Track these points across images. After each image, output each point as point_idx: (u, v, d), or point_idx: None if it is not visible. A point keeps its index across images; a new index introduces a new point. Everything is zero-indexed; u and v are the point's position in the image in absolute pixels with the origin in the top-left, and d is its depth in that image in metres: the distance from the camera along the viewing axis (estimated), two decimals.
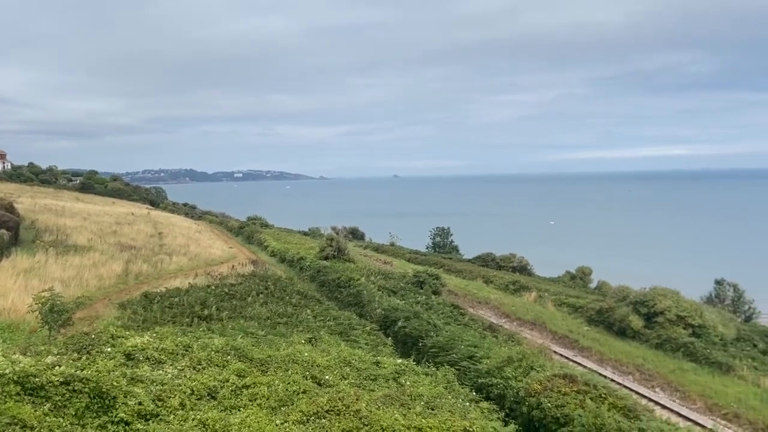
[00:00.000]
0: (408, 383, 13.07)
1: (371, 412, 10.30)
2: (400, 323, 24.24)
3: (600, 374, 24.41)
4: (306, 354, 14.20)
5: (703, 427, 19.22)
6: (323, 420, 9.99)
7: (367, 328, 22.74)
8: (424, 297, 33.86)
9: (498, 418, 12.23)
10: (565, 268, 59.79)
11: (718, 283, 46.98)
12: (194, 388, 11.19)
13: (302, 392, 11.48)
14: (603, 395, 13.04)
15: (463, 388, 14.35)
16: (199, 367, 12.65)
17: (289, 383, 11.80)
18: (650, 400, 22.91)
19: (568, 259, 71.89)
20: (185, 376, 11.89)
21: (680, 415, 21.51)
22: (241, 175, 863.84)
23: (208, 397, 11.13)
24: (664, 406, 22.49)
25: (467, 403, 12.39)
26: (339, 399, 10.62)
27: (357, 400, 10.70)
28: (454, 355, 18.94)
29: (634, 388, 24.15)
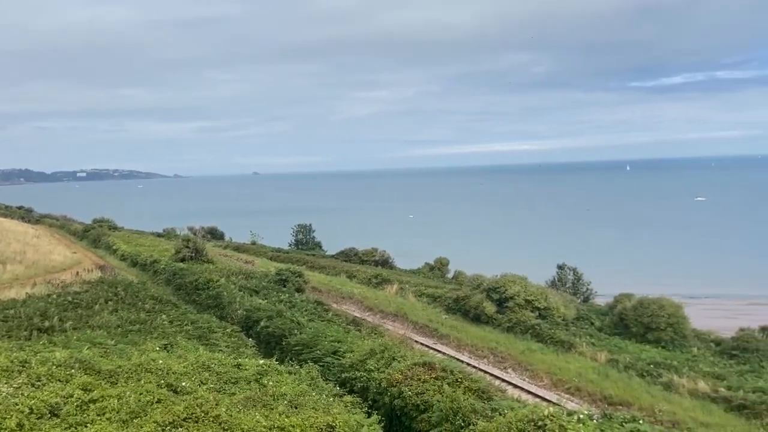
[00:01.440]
0: (271, 383, 12.85)
1: (231, 416, 10.00)
2: (262, 323, 23.81)
3: (458, 359, 25.59)
4: (160, 361, 13.49)
5: (549, 401, 20.74)
6: (180, 429, 9.54)
7: (228, 330, 22.14)
8: (287, 295, 33.53)
9: (361, 410, 12.37)
10: (425, 259, 61.97)
11: (560, 267, 50.97)
12: (33, 407, 10.23)
13: (157, 402, 10.88)
14: (459, 380, 13.65)
15: (327, 383, 14.36)
16: (38, 383, 11.60)
17: (141, 393, 11.14)
18: (503, 380, 24.37)
19: (427, 250, 74.61)
20: (22, 394, 10.85)
21: (530, 393, 23.08)
22: (84, 174, 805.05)
23: (49, 415, 10.23)
24: (515, 386, 24.02)
25: (331, 399, 12.42)
26: (197, 405, 10.19)
27: (216, 405, 10.34)
28: (318, 352, 18.94)
29: (489, 371, 25.56)
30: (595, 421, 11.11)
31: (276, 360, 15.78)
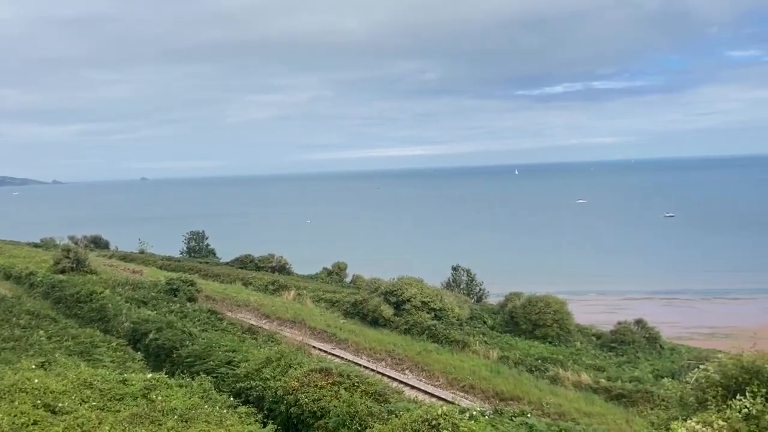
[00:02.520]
0: (159, 398, 12.28)
1: None
2: (151, 335, 22.74)
3: (356, 363, 25.60)
4: (36, 380, 12.52)
5: (444, 400, 21.22)
6: None
7: (114, 344, 21.01)
8: (178, 305, 32.34)
9: (256, 420, 12.10)
10: (323, 264, 61.74)
11: (455, 269, 52.45)
12: None
13: (33, 423, 10.13)
14: (356, 384, 13.66)
15: (221, 395, 13.93)
16: None
17: (15, 416, 10.32)
18: (401, 381, 24.67)
19: (325, 255, 74.35)
20: None
21: (426, 392, 23.51)
22: None
23: None
24: (412, 386, 24.38)
25: (224, 411, 12.05)
26: (77, 425, 9.59)
27: (99, 423, 9.77)
28: (212, 363, 18.35)
29: (387, 373, 25.79)
30: (486, 417, 11.48)
31: (166, 373, 15.13)
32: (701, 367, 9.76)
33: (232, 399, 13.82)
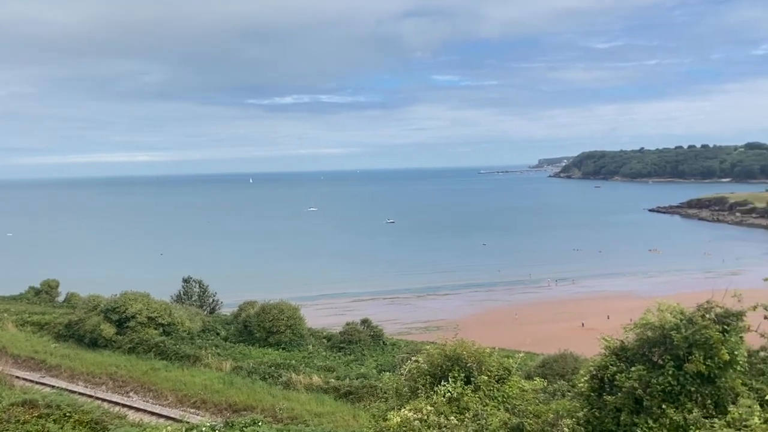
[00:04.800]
0: None
1: None
2: None
3: (70, 391, 23.13)
4: None
5: (173, 419, 20.18)
6: None
7: None
8: None
9: None
10: (29, 283, 54.62)
11: (186, 281, 50.31)
12: None
13: None
14: (68, 414, 12.29)
15: None
16: None
17: None
18: (124, 405, 22.93)
19: (32, 272, 66.00)
20: None
21: (153, 413, 22.14)
22: None
23: None
24: (138, 409, 22.80)
25: None
26: None
27: None
28: None
29: (107, 398, 23.76)
30: (217, 431, 11.20)
31: None
32: (413, 359, 10.77)
33: None
